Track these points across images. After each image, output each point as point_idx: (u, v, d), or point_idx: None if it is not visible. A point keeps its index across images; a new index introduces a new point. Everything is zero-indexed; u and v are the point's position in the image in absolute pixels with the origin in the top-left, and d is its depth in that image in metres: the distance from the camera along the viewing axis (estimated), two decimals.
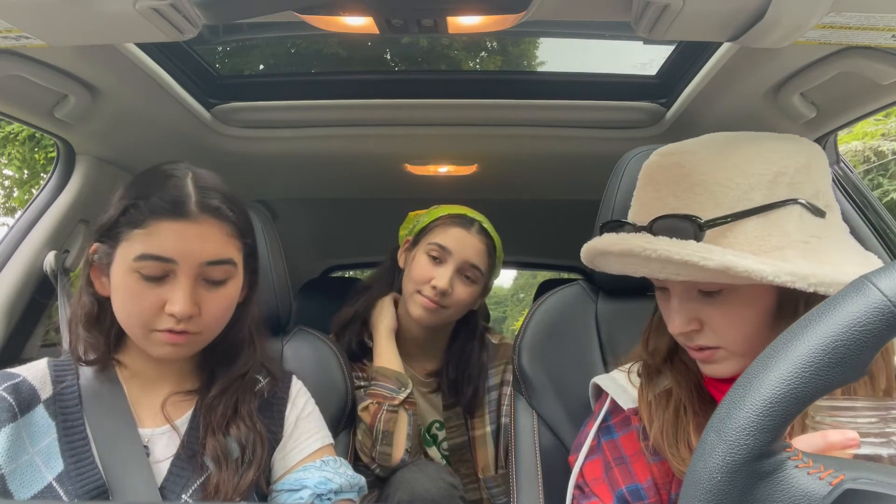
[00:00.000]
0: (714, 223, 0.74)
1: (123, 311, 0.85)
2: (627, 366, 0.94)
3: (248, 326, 0.98)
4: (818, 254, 0.73)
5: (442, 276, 1.35)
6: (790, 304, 0.74)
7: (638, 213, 0.84)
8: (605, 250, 0.81)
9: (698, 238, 0.73)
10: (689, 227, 0.74)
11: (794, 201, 0.74)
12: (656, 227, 0.77)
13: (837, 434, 0.50)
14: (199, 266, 0.85)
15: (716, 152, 0.78)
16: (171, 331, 0.84)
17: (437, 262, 1.38)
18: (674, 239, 0.73)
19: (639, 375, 0.90)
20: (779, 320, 0.75)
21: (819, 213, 0.76)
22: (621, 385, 0.91)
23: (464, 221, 1.41)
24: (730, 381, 0.80)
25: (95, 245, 0.88)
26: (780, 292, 0.74)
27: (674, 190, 0.78)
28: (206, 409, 0.91)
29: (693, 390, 0.84)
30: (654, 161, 0.83)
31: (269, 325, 1.15)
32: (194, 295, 0.84)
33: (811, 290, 0.67)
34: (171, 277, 0.84)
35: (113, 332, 0.91)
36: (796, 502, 0.40)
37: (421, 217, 1.49)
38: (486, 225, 1.44)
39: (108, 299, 0.88)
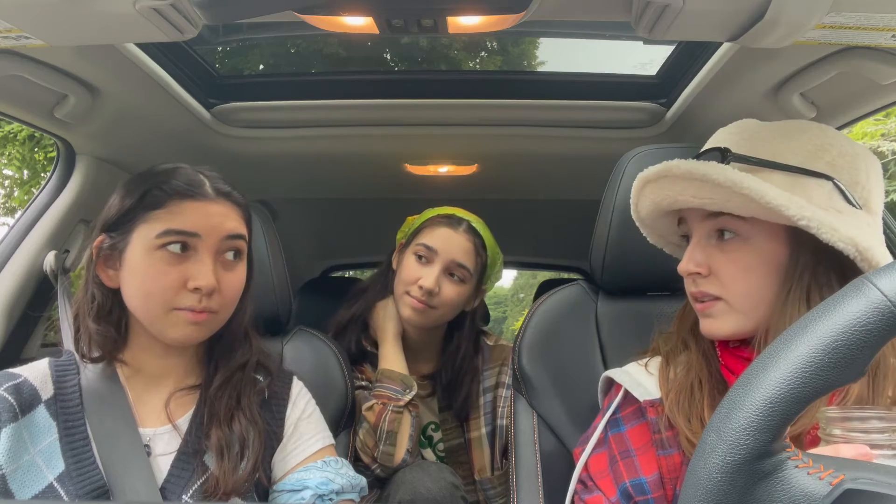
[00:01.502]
0: (741, 158, 0.79)
1: (143, 291, 0.86)
2: (645, 360, 0.94)
3: (243, 321, 0.99)
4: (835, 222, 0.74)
5: (428, 276, 1.35)
6: (796, 270, 0.77)
7: None
8: (646, 177, 0.86)
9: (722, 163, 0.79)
10: (718, 154, 0.81)
11: (829, 178, 0.77)
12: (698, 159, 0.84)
13: (850, 449, 0.51)
14: (220, 240, 0.88)
15: (786, 122, 0.86)
16: (192, 309, 0.85)
17: (423, 262, 1.38)
18: (700, 161, 0.79)
19: (666, 360, 0.91)
20: (784, 284, 0.78)
21: (851, 203, 0.77)
22: (636, 378, 0.91)
23: (451, 221, 1.41)
24: (746, 362, 0.81)
25: (102, 237, 0.88)
26: (790, 255, 0.78)
27: (735, 139, 0.84)
28: (210, 400, 0.91)
29: (711, 373, 0.85)
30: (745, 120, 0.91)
31: (269, 325, 1.15)
32: (216, 271, 0.87)
33: (803, 223, 0.71)
34: (193, 254, 0.86)
35: (123, 324, 0.91)
36: (796, 502, 0.40)
37: (416, 221, 1.49)
38: (476, 224, 1.44)
39: (116, 291, 0.89)
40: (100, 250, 0.88)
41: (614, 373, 0.95)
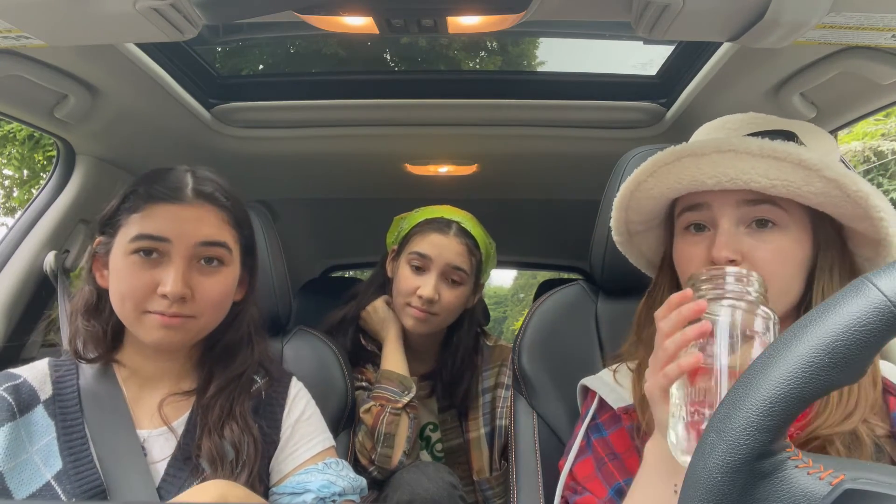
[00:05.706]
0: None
1: (118, 294, 0.86)
2: (614, 366, 0.94)
3: (246, 326, 0.98)
4: None
5: (426, 285, 1.35)
6: (825, 265, 0.79)
7: None
8: (695, 151, 0.79)
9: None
10: (784, 137, 0.80)
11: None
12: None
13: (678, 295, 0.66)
14: (192, 246, 0.87)
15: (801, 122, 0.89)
16: (162, 313, 0.85)
17: (419, 272, 1.38)
18: (776, 140, 0.77)
19: (630, 369, 0.90)
20: (810, 279, 0.79)
21: None
22: (609, 384, 0.92)
23: (440, 225, 1.40)
24: None
25: (99, 238, 0.91)
26: (815, 250, 0.79)
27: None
28: (203, 410, 0.91)
29: None
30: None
31: (269, 325, 1.15)
32: (187, 277, 0.86)
33: (881, 216, 0.73)
34: (166, 259, 0.86)
35: (111, 324, 0.91)
36: (796, 502, 0.40)
37: (403, 222, 1.48)
38: (467, 224, 1.42)
39: (107, 291, 0.90)
40: (95, 251, 0.91)
41: (589, 380, 0.95)
